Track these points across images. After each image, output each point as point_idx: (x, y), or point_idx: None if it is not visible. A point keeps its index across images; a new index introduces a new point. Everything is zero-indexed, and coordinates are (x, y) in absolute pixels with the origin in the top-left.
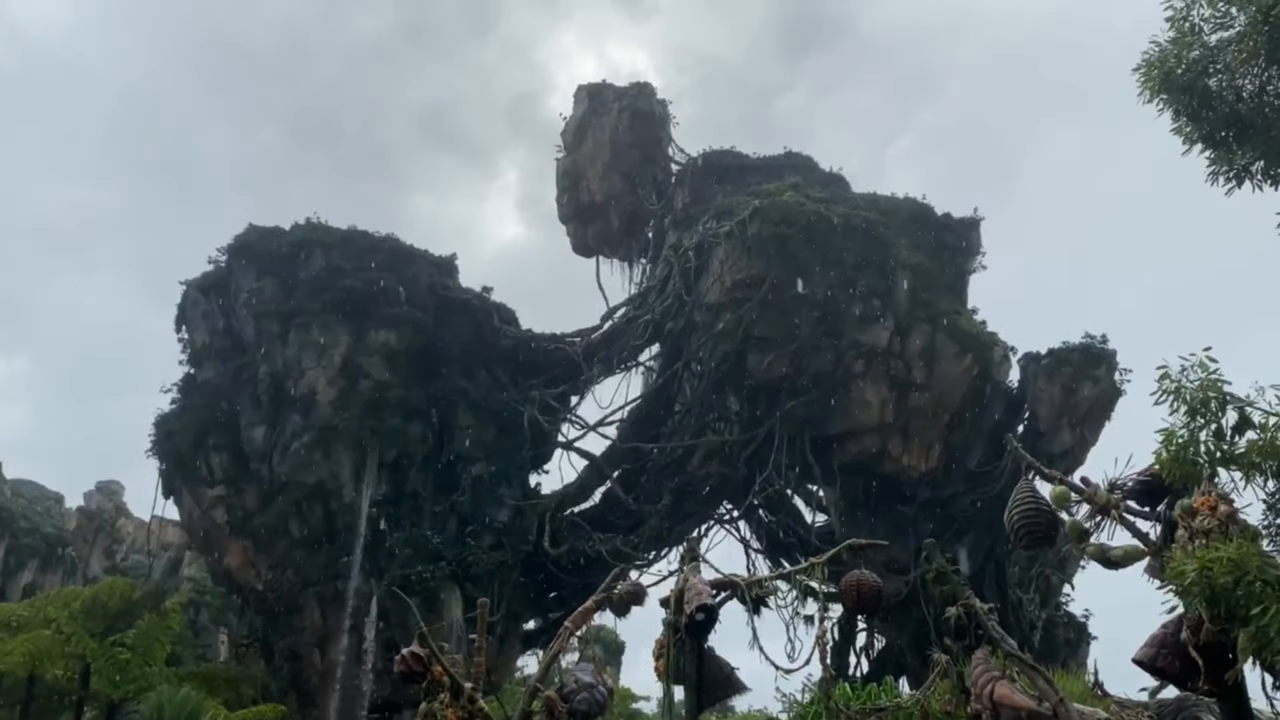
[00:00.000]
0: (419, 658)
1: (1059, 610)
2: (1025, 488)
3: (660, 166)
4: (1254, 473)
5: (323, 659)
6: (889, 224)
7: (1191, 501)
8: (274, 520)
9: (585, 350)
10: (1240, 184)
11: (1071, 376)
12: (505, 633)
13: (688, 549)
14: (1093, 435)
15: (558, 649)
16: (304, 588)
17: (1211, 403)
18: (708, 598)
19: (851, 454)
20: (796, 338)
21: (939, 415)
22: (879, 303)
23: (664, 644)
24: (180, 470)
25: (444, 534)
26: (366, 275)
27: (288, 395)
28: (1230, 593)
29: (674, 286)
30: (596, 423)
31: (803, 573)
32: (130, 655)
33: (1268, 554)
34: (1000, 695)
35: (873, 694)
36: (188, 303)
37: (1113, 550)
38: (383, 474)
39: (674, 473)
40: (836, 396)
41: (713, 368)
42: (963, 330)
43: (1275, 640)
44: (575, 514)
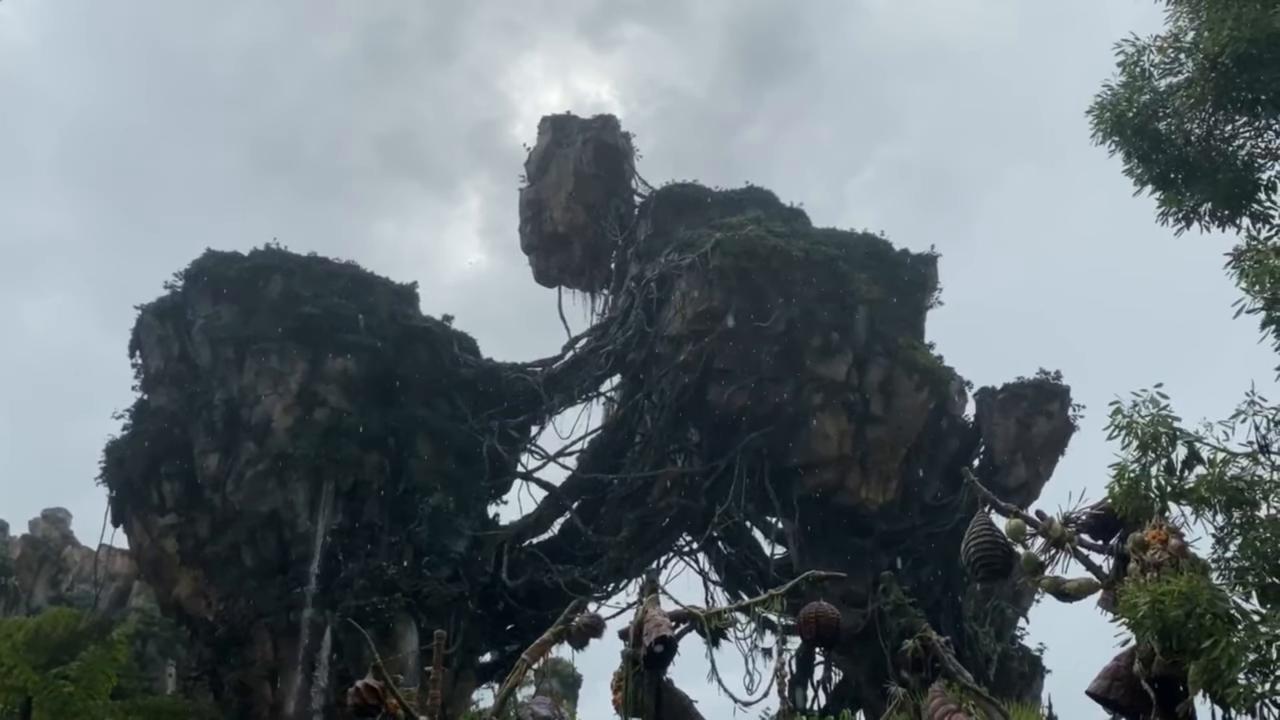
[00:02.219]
0: (374, 690)
1: (1014, 644)
2: (981, 521)
3: (623, 198)
4: (1203, 507)
5: (274, 692)
6: (848, 259)
7: (1143, 535)
8: (226, 550)
9: (546, 380)
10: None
11: (1026, 412)
12: (461, 665)
13: (647, 580)
14: (1047, 470)
15: (514, 681)
16: (256, 619)
17: (1162, 438)
18: (667, 630)
19: (810, 486)
20: (757, 370)
21: (896, 448)
22: (838, 336)
23: (622, 676)
24: (131, 498)
25: (400, 565)
26: (326, 302)
27: (243, 422)
28: (1181, 625)
29: (636, 318)
30: (556, 453)
31: (762, 604)
32: (74, 688)
33: (1217, 587)
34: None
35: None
36: (142, 328)
37: (1067, 583)
38: (338, 503)
39: (634, 504)
40: (796, 429)
41: (674, 399)
42: (920, 364)
43: (1225, 673)
44: (534, 545)
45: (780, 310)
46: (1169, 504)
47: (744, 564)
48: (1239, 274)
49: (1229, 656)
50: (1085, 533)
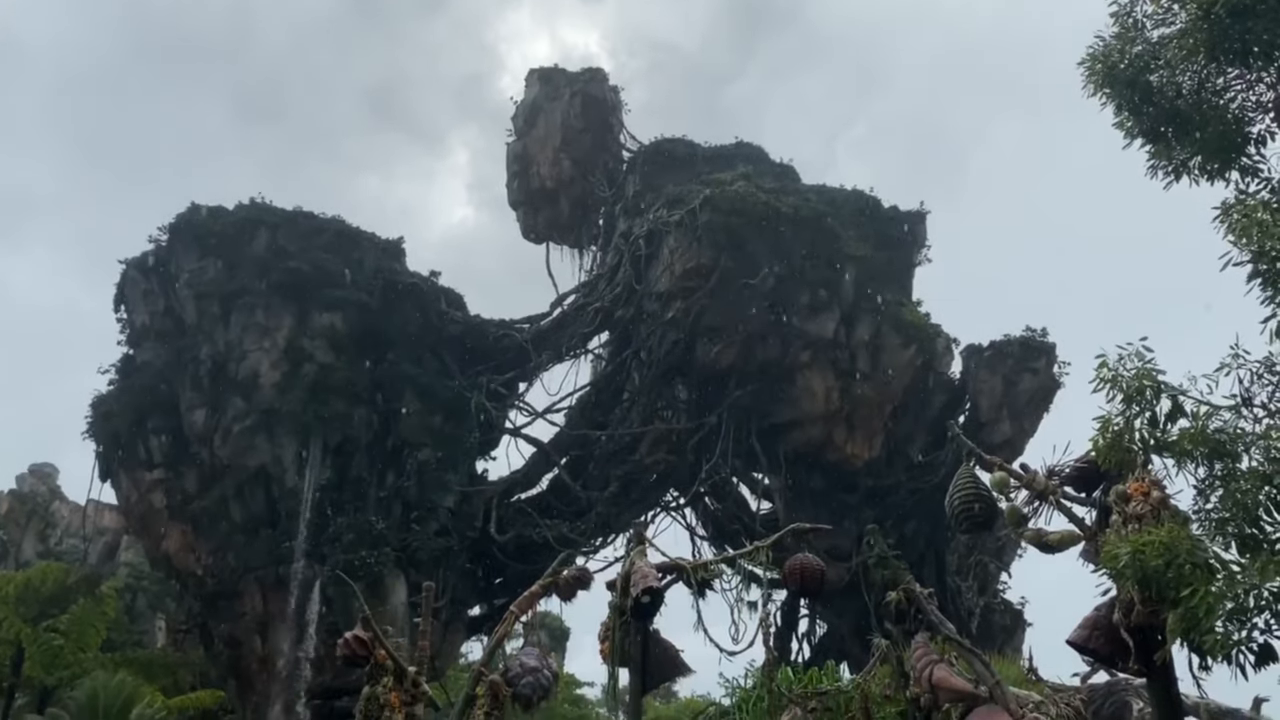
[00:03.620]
0: (362, 642)
1: (996, 597)
2: (966, 474)
3: (611, 153)
4: (1185, 459)
5: (263, 645)
6: (837, 215)
7: (1126, 487)
8: (214, 504)
9: (534, 337)
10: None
11: (1012, 369)
12: (450, 618)
13: (635, 533)
14: (1031, 426)
15: (503, 633)
16: (245, 573)
17: (1146, 391)
18: (653, 581)
19: (797, 443)
20: (745, 327)
21: (883, 405)
22: (826, 293)
23: (610, 626)
24: (118, 453)
25: (389, 519)
26: (312, 257)
27: (229, 377)
28: (1161, 575)
29: (624, 274)
30: (544, 410)
31: (748, 556)
32: (64, 641)
33: (1197, 538)
34: (939, 679)
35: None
36: (127, 282)
37: (1049, 535)
38: (327, 458)
39: (621, 460)
40: (783, 386)
41: (661, 356)
42: (907, 322)
43: (1203, 621)
44: (522, 500)
45: (769, 267)
46: (1152, 457)
47: (730, 519)
48: (1227, 227)
49: (1207, 605)
50: (1068, 485)
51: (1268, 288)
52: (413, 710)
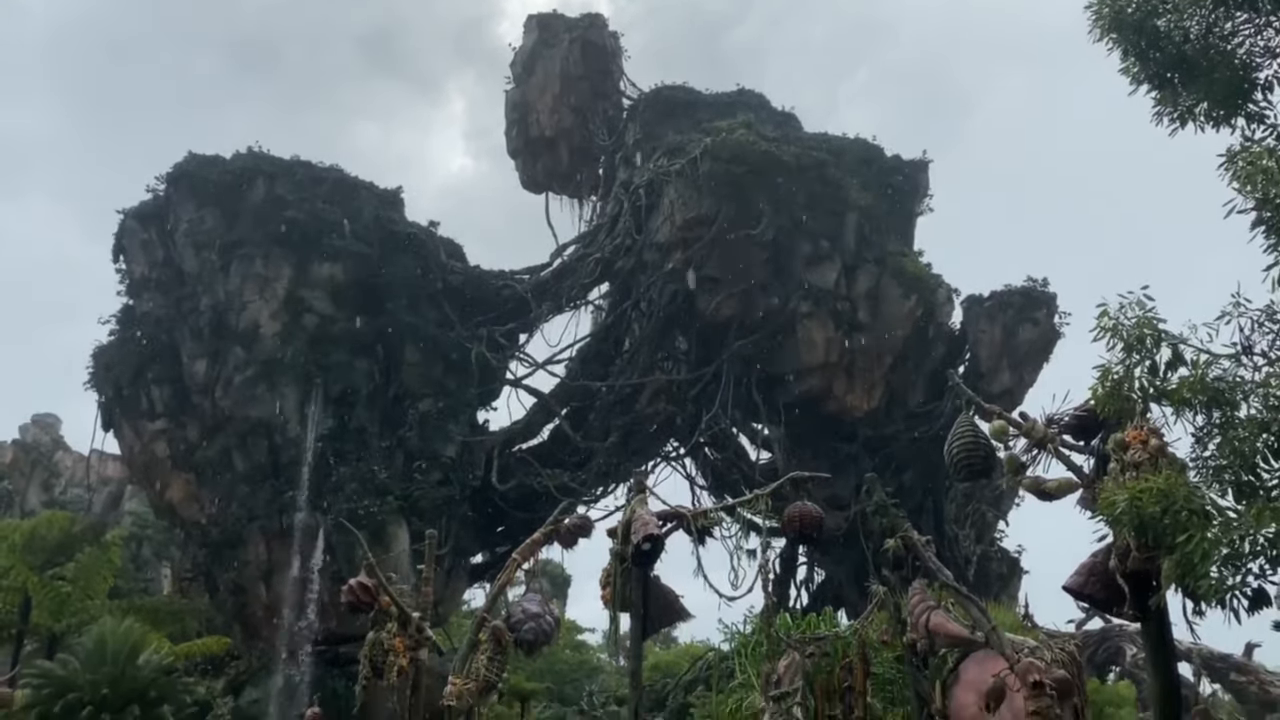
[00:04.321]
0: (366, 588)
1: (993, 546)
2: (965, 422)
3: (611, 101)
4: (1184, 408)
5: (268, 592)
6: (839, 164)
7: (1124, 435)
8: (217, 454)
9: (534, 288)
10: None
11: (1012, 319)
12: (453, 566)
13: (635, 481)
14: (1031, 377)
15: (505, 580)
16: (248, 521)
17: (1147, 339)
18: (654, 528)
19: (796, 393)
20: (745, 278)
21: (883, 356)
22: (827, 243)
23: (611, 573)
24: (120, 403)
25: (391, 469)
26: (310, 207)
27: (230, 328)
28: (1158, 521)
29: (624, 225)
30: (545, 360)
31: (746, 504)
32: (71, 588)
33: (1194, 485)
34: (935, 624)
35: (812, 624)
36: (125, 233)
37: (1047, 482)
38: (328, 409)
39: (622, 411)
40: (783, 336)
41: (662, 307)
42: (908, 272)
43: (1198, 566)
44: (523, 450)
45: (770, 217)
46: (1151, 405)
47: (730, 469)
48: (1231, 175)
49: (1202, 550)
50: (1067, 434)
51: (1271, 235)
52: (417, 655)
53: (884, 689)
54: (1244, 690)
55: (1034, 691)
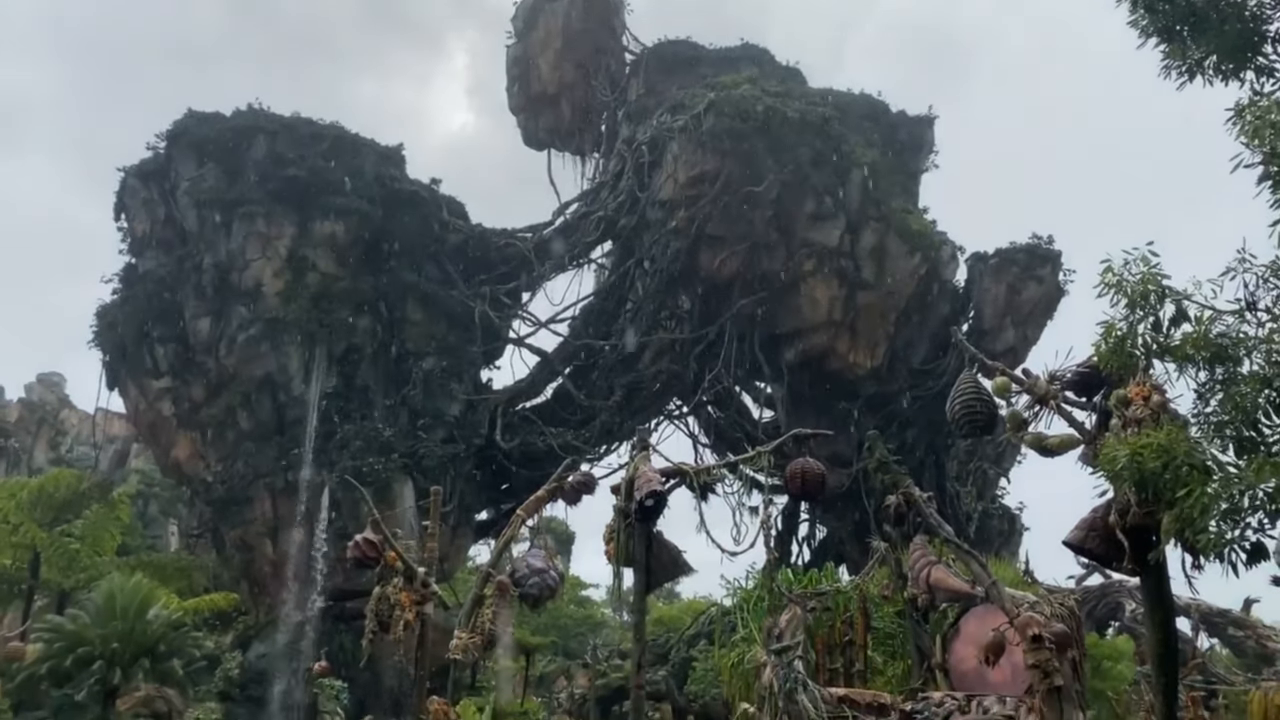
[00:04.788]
0: (372, 544)
1: (994, 503)
2: (968, 379)
3: (614, 56)
4: (1187, 364)
5: (274, 549)
6: (844, 120)
7: (1126, 392)
8: (222, 412)
9: (536, 246)
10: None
11: (1017, 276)
12: (457, 523)
13: (639, 438)
14: (1035, 334)
15: (510, 535)
16: (254, 479)
17: (1151, 295)
18: (657, 484)
19: (799, 351)
20: (749, 235)
21: (886, 313)
22: (831, 201)
23: (614, 528)
24: (124, 362)
25: (395, 427)
26: (311, 164)
27: (233, 286)
28: (1158, 477)
29: (627, 182)
30: (548, 319)
31: (749, 461)
32: (80, 545)
33: (1195, 440)
34: (936, 579)
35: (813, 579)
36: (126, 191)
37: (1049, 438)
38: (332, 367)
39: (625, 370)
40: (787, 295)
41: (665, 265)
42: (912, 229)
43: (1197, 520)
44: (527, 409)
45: (774, 174)
46: (1154, 361)
47: (733, 427)
48: (1239, 129)
49: (1202, 505)
50: (1070, 390)
51: (1278, 190)
52: (422, 609)
53: (884, 643)
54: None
55: (1033, 645)
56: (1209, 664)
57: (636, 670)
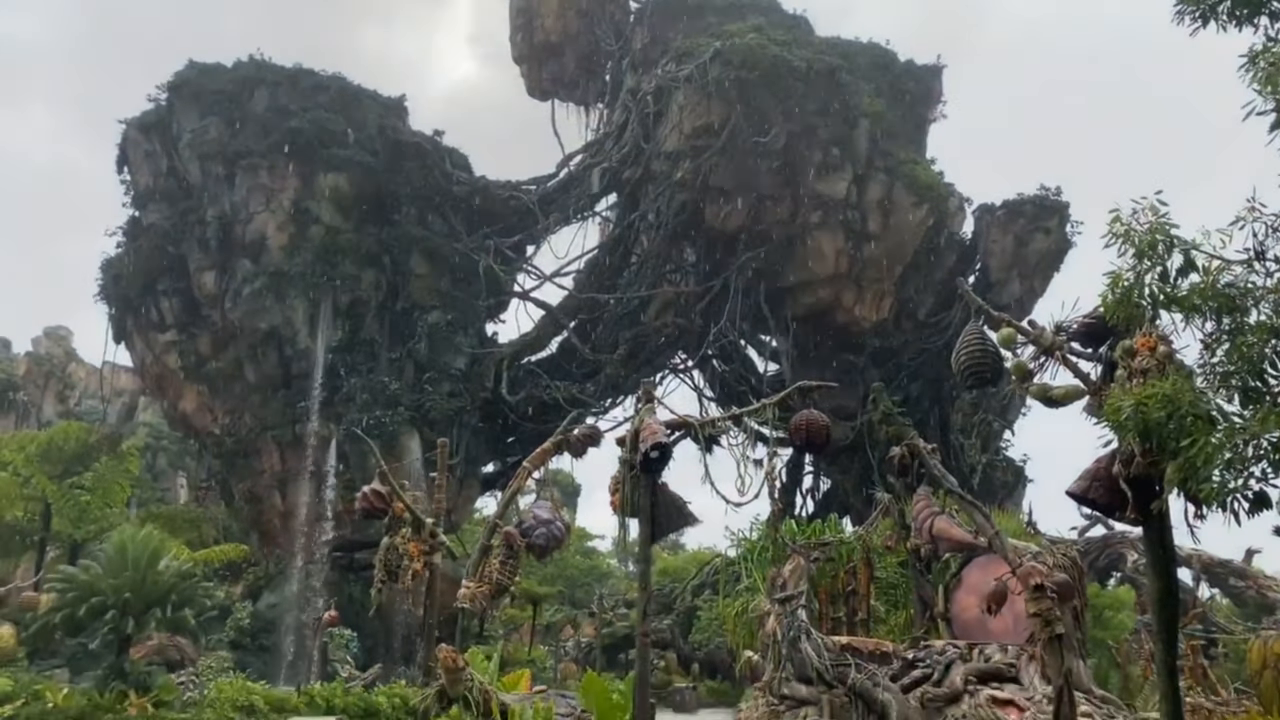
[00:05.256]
0: (380, 495)
1: (998, 455)
2: (974, 330)
3: (618, 4)
4: (1194, 314)
5: (283, 500)
6: (852, 70)
7: (1132, 342)
8: (228, 365)
9: (541, 199)
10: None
11: (1024, 228)
12: (464, 475)
13: (644, 391)
14: (1041, 286)
15: (516, 487)
16: (261, 431)
17: (1159, 245)
18: (662, 436)
19: (805, 305)
20: (755, 187)
21: (892, 266)
22: (838, 152)
23: (620, 480)
24: (130, 315)
25: (401, 380)
26: (313, 116)
27: (237, 239)
28: (1163, 427)
29: (632, 133)
30: (553, 273)
31: (754, 413)
32: (90, 497)
33: (1201, 390)
34: (939, 529)
35: (817, 530)
36: (128, 143)
37: (1054, 389)
38: (337, 320)
39: (630, 323)
40: (792, 247)
41: (670, 218)
42: (920, 181)
43: (1201, 470)
44: (532, 363)
45: (780, 125)
46: (1160, 312)
47: (738, 380)
48: (1252, 76)
49: (1206, 455)
50: (1076, 341)
51: None
52: (431, 559)
53: (887, 592)
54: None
55: (1035, 594)
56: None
57: (642, 619)
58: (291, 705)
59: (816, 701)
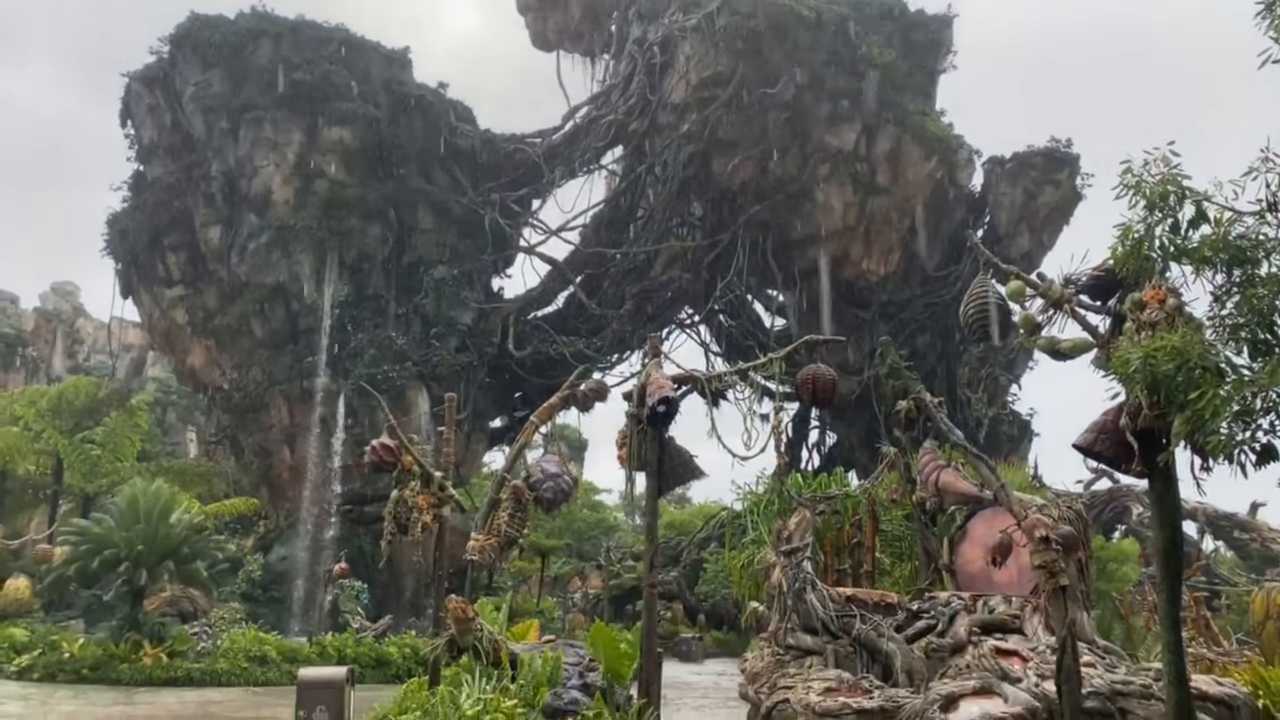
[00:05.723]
0: (389, 449)
1: (1005, 409)
2: (981, 283)
3: None
4: (1205, 266)
5: (292, 454)
6: (861, 19)
7: (1141, 295)
8: (235, 321)
9: (546, 152)
10: None
11: (1034, 181)
12: (472, 429)
13: (651, 346)
14: (1050, 240)
15: (524, 441)
16: (270, 386)
17: (1170, 197)
18: (669, 390)
19: (812, 259)
20: (762, 140)
21: (901, 219)
22: (847, 103)
23: (627, 434)
24: (137, 270)
25: (408, 336)
26: (317, 69)
27: (242, 194)
28: (1171, 379)
29: (638, 85)
30: (559, 228)
31: (760, 368)
32: (100, 451)
33: (1210, 343)
34: (945, 482)
35: (823, 484)
36: (131, 96)
37: (1062, 342)
38: (344, 275)
39: (636, 278)
40: (800, 201)
41: (677, 171)
42: (929, 133)
43: (1208, 422)
44: (538, 318)
45: (788, 76)
46: (1171, 264)
47: (744, 335)
48: (1269, 24)
49: (1214, 407)
50: (1085, 294)
51: None
52: (440, 512)
53: (892, 545)
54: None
55: (1040, 546)
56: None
57: (649, 571)
58: (304, 655)
59: (821, 651)
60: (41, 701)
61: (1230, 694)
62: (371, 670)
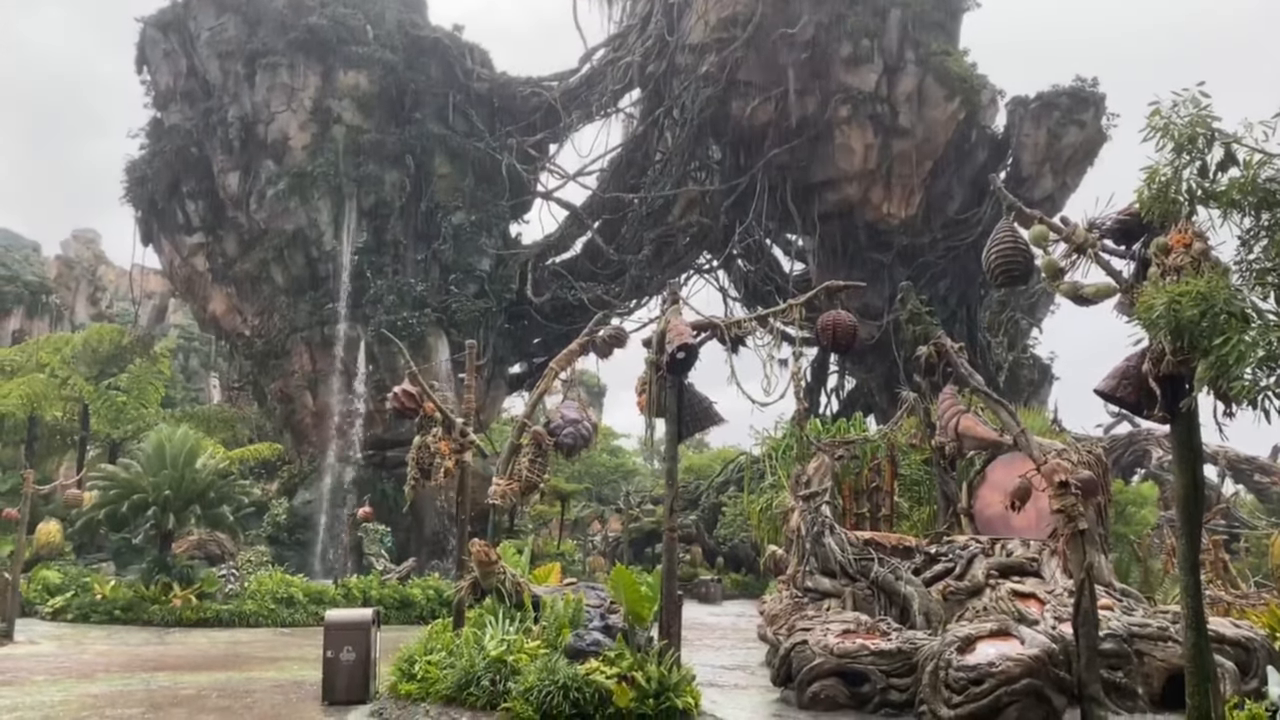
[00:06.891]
0: (411, 395)
1: (1025, 353)
2: (1005, 227)
3: None
4: (1232, 210)
5: (314, 400)
6: None
7: (1167, 239)
8: (255, 268)
9: (563, 95)
10: None
11: (1058, 121)
12: (492, 375)
13: (670, 292)
14: (1074, 181)
15: (543, 388)
16: (291, 332)
17: (1199, 139)
18: (688, 337)
19: (832, 202)
20: (782, 81)
21: (922, 161)
22: (869, 43)
23: (646, 380)
24: (157, 218)
25: (427, 282)
26: (332, 12)
27: (259, 140)
28: (1195, 324)
29: (655, 25)
30: (576, 172)
31: (780, 314)
32: (125, 398)
33: (1236, 288)
34: (965, 427)
35: (842, 429)
36: (146, 42)
37: (1085, 287)
38: (362, 221)
39: (654, 223)
40: (820, 143)
41: (695, 114)
42: (952, 73)
43: (1233, 368)
44: (557, 264)
45: (808, 15)
46: (1198, 207)
47: (763, 280)
48: None
49: (1239, 352)
50: (1109, 239)
51: None
52: (462, 457)
53: (911, 489)
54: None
55: (1059, 491)
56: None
57: (669, 515)
58: (329, 597)
59: (839, 594)
60: (76, 641)
61: (1248, 636)
62: (396, 612)
